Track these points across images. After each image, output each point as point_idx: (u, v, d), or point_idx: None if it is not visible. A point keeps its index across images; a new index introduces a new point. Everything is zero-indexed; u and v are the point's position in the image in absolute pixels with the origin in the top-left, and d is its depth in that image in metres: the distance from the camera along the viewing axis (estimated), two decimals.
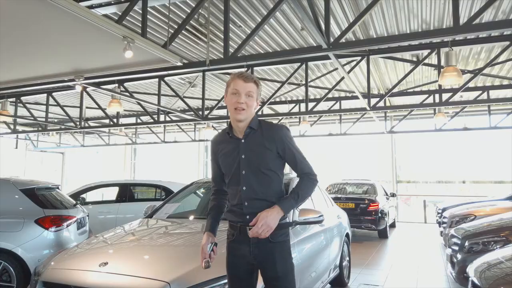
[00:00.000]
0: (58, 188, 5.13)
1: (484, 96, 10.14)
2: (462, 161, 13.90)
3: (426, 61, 7.79)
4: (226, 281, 2.40)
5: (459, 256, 4.18)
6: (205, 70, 7.81)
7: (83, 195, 7.93)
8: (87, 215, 5.24)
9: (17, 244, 4.06)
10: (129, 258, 2.77)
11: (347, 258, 5.22)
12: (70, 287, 2.49)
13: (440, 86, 8.73)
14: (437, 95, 9.03)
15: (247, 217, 2.04)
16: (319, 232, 4.02)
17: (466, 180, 14.34)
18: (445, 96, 8.77)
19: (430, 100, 10.18)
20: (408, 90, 10.31)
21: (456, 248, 4.33)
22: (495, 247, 3.78)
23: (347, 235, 5.25)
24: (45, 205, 4.48)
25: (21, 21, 4.45)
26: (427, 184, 14.89)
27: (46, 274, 2.69)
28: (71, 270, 2.64)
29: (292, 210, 2.13)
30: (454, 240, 4.46)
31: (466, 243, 4.15)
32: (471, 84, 9.99)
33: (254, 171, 2.06)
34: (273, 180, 2.08)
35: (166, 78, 8.83)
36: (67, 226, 4.51)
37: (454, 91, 8.33)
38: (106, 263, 2.58)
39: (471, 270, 2.69)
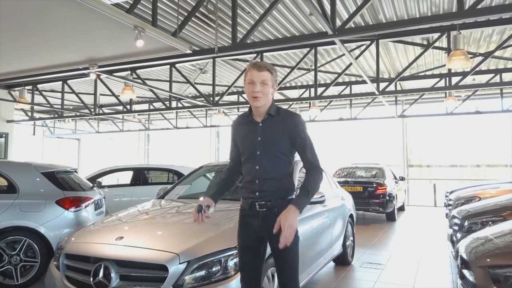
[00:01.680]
0: (76, 171, 5.41)
1: (497, 79, 10.05)
2: (476, 144, 13.82)
3: (436, 44, 7.76)
4: (231, 253, 2.63)
5: (458, 235, 4.32)
6: (214, 57, 7.94)
7: (99, 179, 8.25)
8: (104, 197, 5.53)
9: (40, 223, 4.36)
10: (142, 233, 3.02)
11: (351, 238, 5.41)
12: (89, 258, 2.75)
13: (449, 69, 8.71)
14: (448, 79, 8.99)
15: (257, 193, 2.25)
16: (322, 212, 4.21)
17: (480, 164, 14.26)
18: (456, 79, 8.73)
19: (441, 83, 10.13)
20: (420, 74, 10.28)
21: (456, 228, 4.48)
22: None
23: (351, 216, 5.43)
24: (64, 187, 4.76)
25: (36, 13, 4.66)
26: (440, 168, 14.85)
27: (68, 247, 2.95)
28: (90, 244, 2.90)
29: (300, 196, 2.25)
30: (455, 220, 4.60)
31: (466, 223, 4.29)
32: (483, 67, 9.92)
33: (267, 153, 2.26)
34: (284, 162, 2.28)
35: (177, 65, 9.00)
36: (85, 207, 4.80)
37: (465, 74, 8.29)
38: (122, 237, 2.83)
39: (461, 246, 2.85)
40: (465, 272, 2.64)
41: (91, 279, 2.61)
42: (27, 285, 4.28)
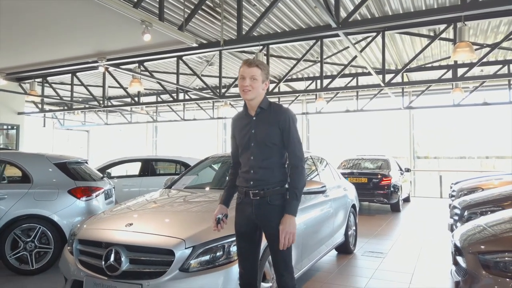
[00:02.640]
0: (86, 162, 5.59)
1: (505, 70, 9.99)
2: (484, 136, 13.75)
3: (443, 35, 7.74)
4: (233, 239, 2.76)
5: (458, 225, 4.42)
6: (220, 49, 8.03)
7: (109, 170, 8.45)
8: (113, 187, 5.71)
9: (53, 212, 4.55)
10: (150, 220, 3.18)
11: (353, 228, 5.54)
12: (101, 243, 2.92)
13: (456, 61, 8.69)
14: (455, 70, 8.96)
15: (251, 183, 2.39)
16: (325, 201, 4.34)
17: (489, 156, 14.20)
18: (463, 70, 8.71)
19: (448, 75, 10.11)
20: (426, 65, 10.26)
21: (457, 218, 4.57)
22: None
23: (353, 206, 5.54)
24: (76, 177, 4.94)
25: (46, 8, 4.80)
26: (449, 160, 14.83)
27: (81, 233, 3.12)
28: (102, 230, 3.06)
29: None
30: (455, 210, 4.70)
31: (465, 213, 4.39)
32: (491, 58, 9.87)
33: (261, 144, 2.40)
34: (277, 153, 2.41)
35: (184, 57, 9.11)
36: (96, 196, 4.98)
37: (472, 65, 8.27)
38: (131, 224, 2.99)
39: (456, 234, 2.96)
40: (459, 258, 2.76)
41: (103, 262, 2.78)
42: (41, 271, 4.49)
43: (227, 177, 4.49)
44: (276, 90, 10.30)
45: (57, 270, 3.69)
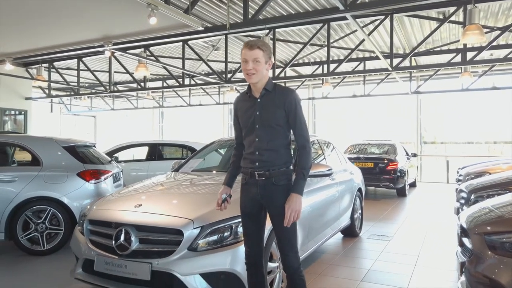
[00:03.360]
0: (94, 146, 5.65)
1: None
2: (493, 121, 13.61)
3: (453, 18, 7.60)
4: (239, 220, 2.80)
5: (464, 208, 4.42)
6: (226, 33, 7.97)
7: (116, 154, 8.53)
8: (121, 171, 5.77)
9: (63, 194, 4.63)
10: (159, 201, 3.23)
11: (359, 211, 5.57)
12: (111, 223, 2.97)
13: (465, 44, 8.55)
14: (464, 54, 8.82)
15: (257, 164, 2.41)
16: (331, 185, 4.36)
17: (497, 141, 14.09)
18: (473, 54, 8.58)
19: (457, 59, 9.96)
20: (435, 49, 10.11)
21: (463, 201, 4.57)
22: None
23: (359, 190, 5.57)
24: (84, 160, 5.01)
25: None
26: (456, 145, 14.74)
27: (91, 214, 3.19)
28: (112, 210, 3.12)
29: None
30: (462, 194, 4.69)
31: (472, 197, 4.38)
32: (501, 41, 9.69)
33: (266, 126, 2.40)
34: (281, 134, 2.41)
35: (189, 42, 9.06)
36: (105, 179, 5.05)
37: (482, 49, 8.13)
38: (140, 205, 3.04)
39: (462, 216, 2.97)
40: (464, 240, 2.77)
41: (113, 242, 2.84)
42: (52, 251, 4.59)
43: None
44: (282, 75, 10.23)
45: (67, 250, 3.77)
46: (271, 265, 2.96)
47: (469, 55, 8.87)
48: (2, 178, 4.56)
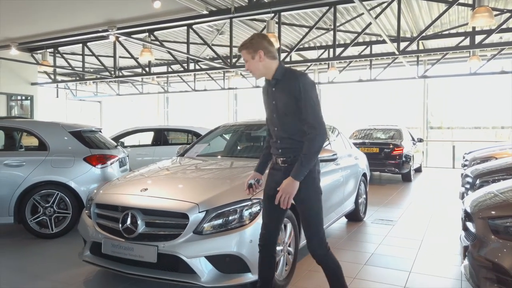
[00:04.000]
0: (100, 131, 5.68)
1: None
2: (501, 106, 13.43)
3: (461, 0, 7.44)
4: (246, 204, 2.85)
5: (469, 193, 4.41)
6: (231, 17, 7.88)
7: (122, 140, 8.58)
8: (127, 156, 5.82)
9: (70, 178, 4.68)
10: (165, 185, 3.27)
11: (364, 196, 5.59)
12: (118, 207, 3.02)
13: (474, 27, 8.39)
14: (473, 37, 8.66)
15: (279, 151, 2.46)
16: (335, 170, 4.37)
17: (505, 126, 13.95)
18: (481, 38, 8.42)
19: (466, 42, 9.78)
20: (443, 32, 9.94)
21: (468, 186, 4.56)
22: None
23: (364, 175, 5.57)
24: (91, 145, 5.04)
25: None
26: (463, 130, 14.62)
27: (98, 198, 3.23)
28: (118, 194, 3.16)
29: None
30: (467, 179, 4.68)
31: (477, 181, 4.37)
32: (511, 24, 9.49)
33: (280, 115, 2.42)
34: (295, 121, 2.38)
35: (194, 26, 8.97)
36: (111, 164, 5.09)
37: (490, 32, 7.97)
38: (146, 189, 3.08)
39: (466, 201, 2.97)
40: (468, 224, 2.78)
41: (120, 225, 2.88)
42: (61, 234, 4.68)
43: (250, 145, 4.57)
44: (287, 59, 10.14)
45: (75, 234, 3.84)
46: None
47: (478, 38, 8.71)
48: (10, 162, 4.63)
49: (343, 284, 2.42)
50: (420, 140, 11.29)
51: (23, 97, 13.03)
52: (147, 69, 11.96)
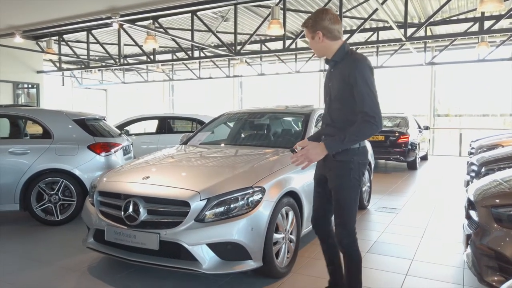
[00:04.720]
0: (104, 119, 5.69)
1: None
2: (510, 92, 13.22)
3: None
4: (247, 192, 2.85)
5: (474, 181, 4.37)
6: (236, 3, 7.78)
7: (127, 128, 8.61)
8: (131, 144, 5.83)
9: (74, 166, 4.72)
10: (167, 173, 3.28)
11: (368, 184, 5.57)
12: (120, 195, 3.04)
13: (483, 13, 8.21)
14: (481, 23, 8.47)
15: (323, 137, 2.44)
16: None
17: None
18: (490, 23, 8.24)
19: (475, 28, 9.58)
20: (452, 18, 9.74)
21: (473, 174, 4.52)
22: None
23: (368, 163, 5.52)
24: (94, 133, 5.06)
25: None
26: (471, 118, 14.45)
27: (101, 185, 3.25)
28: (120, 182, 3.17)
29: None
30: (473, 167, 4.64)
31: (483, 169, 4.33)
32: None
33: (334, 99, 2.33)
34: (345, 109, 2.26)
35: (198, 13, 8.89)
36: (115, 152, 5.11)
37: (500, 17, 7.79)
38: (148, 177, 3.09)
39: (470, 189, 2.94)
40: (471, 212, 2.76)
41: (122, 213, 2.90)
42: (66, 221, 4.73)
43: (253, 133, 4.56)
44: (293, 46, 10.03)
45: (80, 221, 3.88)
46: (276, 236, 3.01)
47: (487, 24, 8.53)
48: (15, 150, 4.66)
49: (359, 279, 2.38)
50: (427, 128, 11.19)
51: (29, 85, 13.08)
52: (151, 56, 11.91)
